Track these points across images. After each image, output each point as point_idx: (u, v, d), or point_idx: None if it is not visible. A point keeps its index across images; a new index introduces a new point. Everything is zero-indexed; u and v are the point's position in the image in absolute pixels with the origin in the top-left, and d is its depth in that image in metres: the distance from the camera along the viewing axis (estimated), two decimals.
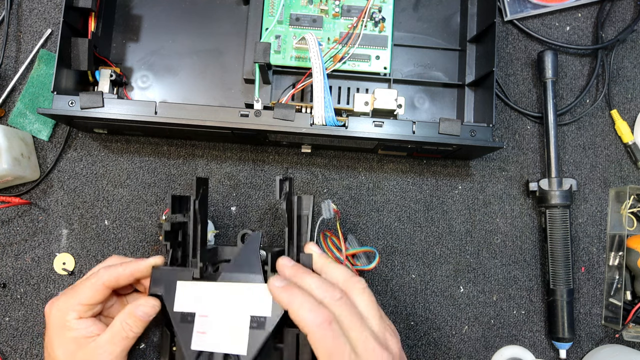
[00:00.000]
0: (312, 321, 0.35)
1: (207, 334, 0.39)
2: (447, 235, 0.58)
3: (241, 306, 0.39)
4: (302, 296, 0.37)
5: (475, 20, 0.58)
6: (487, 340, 0.57)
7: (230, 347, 0.37)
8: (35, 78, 0.58)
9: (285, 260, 0.41)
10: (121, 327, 0.40)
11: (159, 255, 0.44)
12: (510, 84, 0.61)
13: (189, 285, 0.41)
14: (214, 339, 0.38)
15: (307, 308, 0.36)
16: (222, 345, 0.38)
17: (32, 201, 0.57)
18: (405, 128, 0.50)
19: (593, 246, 0.59)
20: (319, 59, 0.49)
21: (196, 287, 0.41)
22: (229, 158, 0.58)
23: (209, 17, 0.57)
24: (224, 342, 0.38)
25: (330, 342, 0.34)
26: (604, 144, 0.61)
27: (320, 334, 0.34)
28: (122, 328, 0.40)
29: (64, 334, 0.40)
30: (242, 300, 0.39)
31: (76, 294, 0.40)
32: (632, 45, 0.62)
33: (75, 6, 0.51)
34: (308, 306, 0.36)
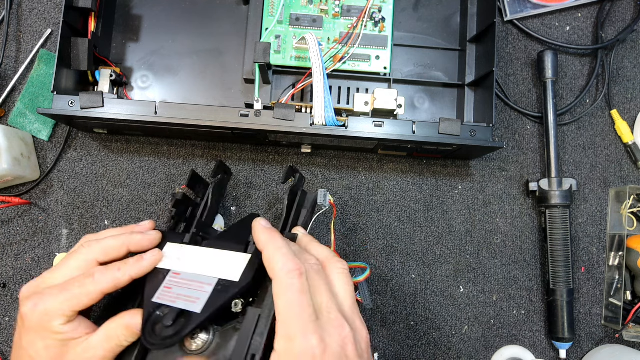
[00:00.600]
0: (283, 267, 0.34)
1: (172, 289, 0.38)
2: (447, 235, 0.58)
3: (212, 269, 0.39)
4: (281, 241, 0.36)
5: (475, 20, 0.58)
6: (487, 340, 0.57)
7: (187, 304, 0.36)
8: (35, 78, 0.58)
9: None
10: (115, 334, 0.36)
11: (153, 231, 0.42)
12: (510, 84, 0.61)
13: (176, 247, 0.42)
14: (175, 295, 0.37)
15: (282, 253, 0.35)
16: (180, 301, 0.36)
17: (32, 201, 0.57)
18: (405, 128, 0.50)
19: (593, 246, 0.59)
20: (319, 59, 0.49)
21: (181, 249, 0.42)
22: (229, 158, 0.58)
23: (209, 17, 0.57)
24: (183, 299, 0.37)
25: (295, 295, 0.32)
26: (604, 144, 0.61)
27: (288, 282, 0.33)
28: (117, 336, 0.36)
29: (48, 336, 0.35)
30: (215, 264, 0.39)
31: (68, 300, 0.36)
32: (632, 45, 0.62)
33: (75, 6, 0.51)
34: (284, 251, 0.35)
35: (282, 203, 0.46)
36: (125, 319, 0.37)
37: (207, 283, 0.38)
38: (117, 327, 0.36)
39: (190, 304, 0.36)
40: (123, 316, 0.37)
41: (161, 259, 0.40)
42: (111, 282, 0.37)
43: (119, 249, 0.39)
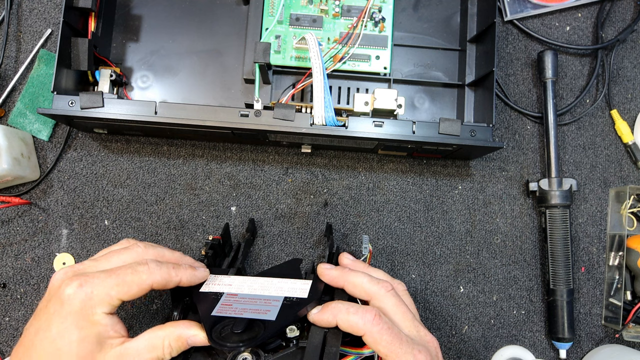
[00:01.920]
0: (380, 288, 0.38)
1: (233, 305, 0.37)
2: (447, 235, 0.58)
3: (274, 290, 0.39)
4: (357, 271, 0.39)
5: (475, 20, 0.58)
6: (487, 340, 0.57)
7: (257, 315, 0.35)
8: (35, 78, 0.58)
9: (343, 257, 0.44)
10: (162, 344, 0.33)
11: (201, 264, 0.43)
12: (510, 84, 0.61)
13: (223, 277, 0.41)
14: (240, 309, 0.36)
15: (369, 279, 0.38)
16: (247, 313, 0.35)
17: (32, 201, 0.57)
18: (405, 128, 0.50)
19: (593, 246, 0.59)
20: (319, 59, 0.49)
21: (229, 278, 0.41)
22: (229, 158, 0.58)
23: (209, 17, 0.57)
24: (251, 311, 0.35)
25: (387, 335, 0.35)
26: (604, 144, 0.61)
27: (377, 329, 0.35)
28: (163, 346, 0.33)
29: (86, 326, 0.32)
30: (275, 287, 0.39)
31: (118, 285, 0.33)
32: (632, 45, 0.62)
33: (75, 6, 0.51)
34: (368, 278, 0.38)
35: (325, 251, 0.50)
36: (179, 328, 0.34)
37: (274, 299, 0.38)
38: (167, 336, 0.34)
39: (261, 315, 0.35)
40: (177, 325, 0.34)
41: (208, 276, 0.41)
42: (164, 276, 0.35)
43: (173, 259, 0.40)
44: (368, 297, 0.38)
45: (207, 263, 0.47)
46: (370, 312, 0.35)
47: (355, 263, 0.44)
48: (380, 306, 0.38)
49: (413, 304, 0.41)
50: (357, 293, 0.39)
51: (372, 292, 0.38)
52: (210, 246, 0.48)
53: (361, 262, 0.44)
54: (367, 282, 0.39)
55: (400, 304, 0.38)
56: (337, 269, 0.40)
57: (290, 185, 0.58)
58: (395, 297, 0.38)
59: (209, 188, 0.58)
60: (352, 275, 0.39)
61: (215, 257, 0.50)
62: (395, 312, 0.38)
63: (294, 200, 0.58)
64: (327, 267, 0.41)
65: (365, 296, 0.39)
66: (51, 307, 0.33)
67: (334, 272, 0.40)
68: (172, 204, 0.57)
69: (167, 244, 0.57)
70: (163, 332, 0.34)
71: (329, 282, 0.40)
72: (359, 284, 0.39)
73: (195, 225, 0.57)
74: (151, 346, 0.33)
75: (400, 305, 0.38)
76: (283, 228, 0.58)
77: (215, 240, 0.49)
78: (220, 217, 0.57)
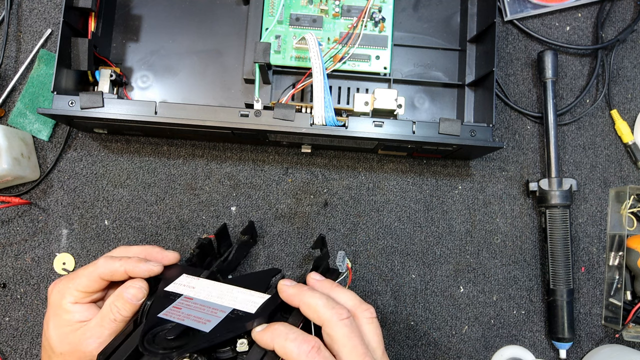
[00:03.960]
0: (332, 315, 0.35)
1: (182, 310, 0.37)
2: (447, 235, 0.58)
3: (228, 300, 0.39)
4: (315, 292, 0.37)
5: (475, 20, 0.58)
6: (487, 340, 0.57)
7: (195, 324, 0.35)
8: (35, 78, 0.58)
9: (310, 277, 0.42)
10: (109, 309, 0.40)
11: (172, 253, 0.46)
12: (510, 84, 0.61)
13: (191, 278, 0.42)
14: (184, 314, 0.36)
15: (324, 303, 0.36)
16: (188, 320, 0.36)
17: (32, 201, 0.57)
18: (405, 128, 0.50)
19: (593, 246, 0.59)
20: (319, 59, 0.49)
21: (196, 280, 0.42)
22: (229, 158, 0.58)
23: (209, 17, 0.57)
24: (192, 318, 0.36)
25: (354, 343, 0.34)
26: (604, 144, 0.61)
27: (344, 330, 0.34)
28: (110, 310, 0.39)
29: (59, 315, 0.41)
30: (231, 297, 0.39)
31: (74, 280, 0.41)
32: (632, 45, 0.62)
33: (75, 6, 0.51)
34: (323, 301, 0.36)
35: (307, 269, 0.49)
36: (118, 290, 0.40)
37: (221, 310, 0.37)
38: (112, 301, 0.40)
39: (199, 324, 0.35)
40: (117, 289, 0.41)
41: (159, 271, 0.43)
42: (109, 268, 0.41)
43: (137, 254, 0.44)
44: (320, 322, 0.35)
45: (193, 262, 0.48)
46: (308, 343, 0.33)
47: (322, 283, 0.40)
48: (330, 334, 0.35)
49: (378, 333, 0.37)
50: (310, 316, 0.36)
51: (325, 318, 0.35)
52: (199, 245, 0.48)
53: (329, 281, 0.40)
54: (321, 305, 0.35)
55: (352, 337, 0.34)
56: (297, 286, 0.38)
57: (290, 185, 0.58)
58: (348, 327, 0.35)
59: (209, 188, 0.58)
60: (308, 296, 0.36)
61: (204, 256, 0.49)
62: (344, 344, 0.34)
63: (294, 200, 0.58)
64: (287, 283, 0.38)
65: (318, 321, 0.36)
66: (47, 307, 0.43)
67: (291, 289, 0.37)
68: (172, 204, 0.57)
69: (167, 244, 0.57)
70: (110, 298, 0.40)
71: (286, 299, 0.38)
72: (313, 306, 0.36)
73: (195, 225, 0.57)
74: (102, 315, 0.40)
75: (352, 338, 0.34)
76: (283, 228, 0.58)
77: (206, 240, 0.49)
78: (220, 217, 0.57)
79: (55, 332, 0.40)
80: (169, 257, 0.45)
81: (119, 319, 0.39)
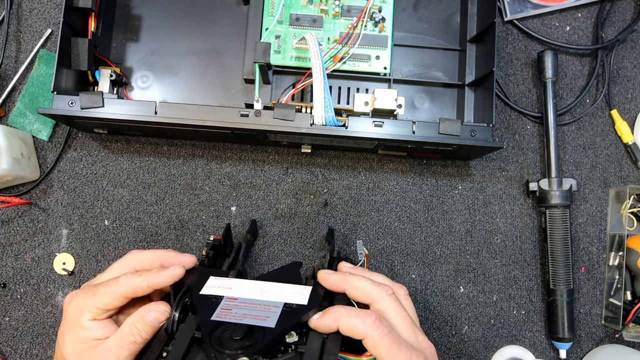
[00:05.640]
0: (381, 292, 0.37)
1: (232, 310, 0.37)
2: (447, 235, 0.58)
3: (274, 295, 0.38)
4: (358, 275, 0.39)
5: (475, 20, 0.58)
6: (487, 340, 0.57)
7: (257, 321, 0.35)
8: (35, 78, 0.58)
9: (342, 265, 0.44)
10: (129, 330, 0.38)
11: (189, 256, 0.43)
12: (510, 84, 0.61)
13: (223, 280, 0.41)
14: (239, 314, 0.36)
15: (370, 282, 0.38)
16: (247, 319, 0.35)
17: (32, 201, 0.57)
18: (405, 128, 0.50)
19: (593, 246, 0.59)
20: (319, 59, 0.49)
21: (230, 281, 0.41)
22: (229, 158, 0.58)
23: (209, 17, 0.57)
24: (250, 317, 0.36)
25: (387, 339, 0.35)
26: (604, 144, 0.61)
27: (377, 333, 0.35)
28: (131, 332, 0.38)
29: (76, 331, 0.39)
30: (275, 292, 0.39)
31: (94, 296, 0.39)
32: (632, 45, 0.62)
33: (75, 6, 0.51)
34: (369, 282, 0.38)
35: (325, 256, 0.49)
36: (140, 311, 0.39)
37: (274, 305, 0.37)
38: (133, 322, 0.38)
39: (260, 321, 0.35)
40: (142, 308, 0.39)
41: (182, 274, 0.41)
42: (131, 286, 0.39)
43: (152, 261, 0.42)
44: (369, 301, 0.38)
45: (207, 264, 0.46)
46: (370, 316, 0.35)
47: (355, 269, 0.44)
48: (380, 309, 0.38)
49: (413, 308, 0.41)
50: (358, 297, 0.39)
51: (373, 296, 0.38)
52: (211, 247, 0.48)
53: (360, 267, 0.45)
54: (368, 285, 0.39)
55: (400, 309, 0.38)
56: (338, 273, 0.41)
57: (290, 185, 0.58)
58: (396, 302, 0.38)
59: (209, 188, 0.58)
60: (353, 279, 0.39)
61: (216, 257, 0.49)
62: (395, 316, 0.37)
63: (294, 200, 0.58)
64: (328, 272, 0.41)
65: (367, 299, 0.38)
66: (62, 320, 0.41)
67: (335, 276, 0.40)
68: (172, 204, 0.57)
69: (167, 244, 0.57)
70: (127, 321, 0.39)
71: (330, 286, 0.40)
72: (360, 287, 0.39)
73: (195, 225, 0.57)
74: (121, 335, 0.38)
75: (400, 310, 0.38)
76: (283, 228, 0.58)
77: (217, 241, 0.49)
78: (220, 217, 0.57)
79: (70, 348, 0.39)
80: (186, 260, 0.43)
81: (138, 341, 0.38)
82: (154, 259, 0.42)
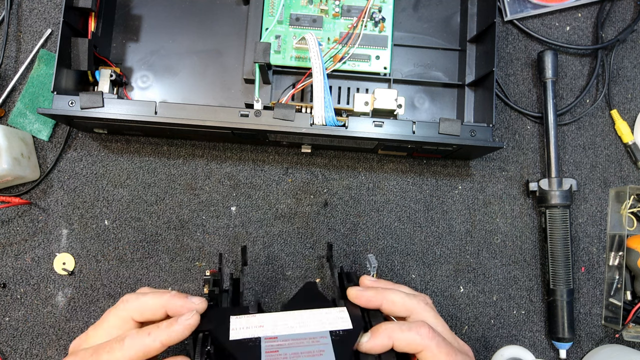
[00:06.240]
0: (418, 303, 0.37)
1: (279, 352, 0.33)
2: (447, 235, 0.58)
3: (312, 325, 0.35)
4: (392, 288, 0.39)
5: (475, 20, 0.58)
6: (487, 340, 0.57)
7: (314, 357, 0.32)
8: (35, 78, 0.58)
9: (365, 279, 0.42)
10: None
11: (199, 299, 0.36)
12: (510, 84, 0.61)
13: (247, 317, 0.36)
14: (290, 355, 0.33)
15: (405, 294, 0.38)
16: (302, 357, 0.32)
17: (32, 201, 0.57)
18: (405, 128, 0.50)
19: (593, 246, 0.59)
20: (319, 59, 0.49)
21: (255, 317, 0.36)
22: (229, 158, 0.58)
23: (209, 17, 0.57)
24: (304, 356, 0.33)
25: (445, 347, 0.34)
26: (604, 144, 0.61)
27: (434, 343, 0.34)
28: None
29: None
30: (311, 321, 0.36)
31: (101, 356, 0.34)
32: (632, 45, 0.62)
33: (75, 6, 0.51)
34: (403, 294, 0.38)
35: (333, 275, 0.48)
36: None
37: (320, 336, 0.34)
38: None
39: (318, 357, 0.32)
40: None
41: (197, 323, 0.35)
42: (140, 349, 0.33)
43: (155, 310, 0.36)
44: (407, 313, 0.37)
45: (212, 303, 0.40)
46: (423, 327, 0.34)
47: (379, 282, 0.42)
48: (420, 319, 0.37)
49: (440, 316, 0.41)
50: (395, 310, 0.37)
51: (412, 307, 0.37)
52: (213, 282, 0.43)
53: (383, 280, 0.43)
54: (404, 297, 0.38)
55: (438, 316, 0.38)
56: (371, 289, 0.39)
57: (290, 185, 0.58)
58: (433, 310, 0.38)
59: (209, 188, 0.58)
60: (388, 293, 0.38)
61: (220, 293, 0.44)
62: (436, 324, 0.37)
63: (294, 200, 0.58)
64: (359, 289, 0.38)
65: (405, 312, 0.37)
66: None
67: (368, 292, 0.38)
68: (172, 204, 0.57)
69: (167, 244, 0.57)
70: None
71: (365, 303, 0.38)
72: (398, 301, 0.37)
73: (195, 225, 0.57)
74: None
75: (439, 317, 0.38)
76: (283, 228, 0.58)
77: (215, 275, 0.44)
78: (220, 217, 0.57)
79: None
80: (197, 305, 0.36)
81: None
82: (157, 307, 0.36)
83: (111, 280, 0.56)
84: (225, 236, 0.57)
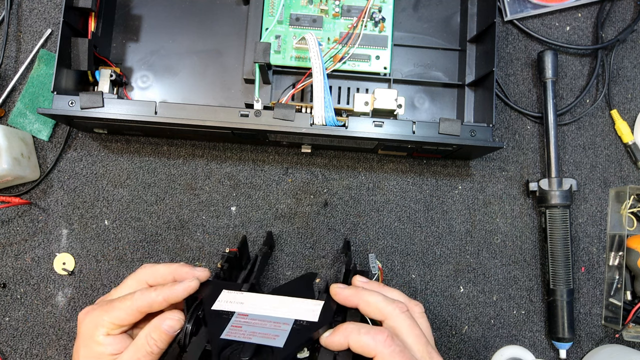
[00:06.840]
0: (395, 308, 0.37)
1: (242, 327, 0.36)
2: (447, 235, 0.58)
3: (284, 311, 0.38)
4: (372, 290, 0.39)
5: (475, 20, 0.58)
6: (487, 340, 0.57)
7: (266, 340, 0.35)
8: (35, 78, 0.58)
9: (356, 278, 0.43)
10: (145, 341, 0.38)
11: (202, 269, 0.42)
12: (510, 84, 0.61)
13: (235, 293, 0.40)
14: (249, 332, 0.36)
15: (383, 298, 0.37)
16: (256, 337, 0.35)
17: (32, 201, 0.57)
18: (405, 128, 0.50)
19: (593, 246, 0.59)
20: (319, 59, 0.49)
21: (242, 295, 0.40)
22: (229, 158, 0.58)
23: (209, 17, 0.57)
24: (259, 335, 0.35)
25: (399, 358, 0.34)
26: (604, 144, 0.61)
27: (388, 351, 0.34)
28: (147, 342, 0.38)
29: (91, 346, 0.39)
30: (287, 307, 0.38)
31: (109, 312, 0.39)
32: (632, 45, 0.62)
33: (75, 6, 0.51)
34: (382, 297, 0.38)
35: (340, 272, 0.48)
36: (155, 320, 0.38)
37: (283, 322, 0.37)
38: (148, 333, 0.38)
39: (269, 340, 0.35)
40: (153, 321, 0.38)
41: (196, 286, 0.40)
42: (147, 300, 0.39)
43: (165, 276, 0.42)
44: (382, 317, 0.37)
45: (222, 277, 0.46)
46: (382, 333, 0.34)
47: (370, 283, 0.43)
48: (393, 327, 0.37)
49: (429, 327, 0.40)
50: (371, 312, 0.38)
51: (387, 312, 0.37)
52: (226, 259, 0.47)
53: (375, 282, 0.43)
54: (381, 300, 0.38)
55: (414, 327, 0.37)
56: (351, 288, 0.40)
57: (290, 185, 0.58)
58: (410, 319, 0.37)
59: (209, 188, 0.58)
60: (366, 294, 0.38)
61: (232, 270, 0.48)
62: (408, 334, 0.36)
63: (294, 200, 0.58)
64: (340, 286, 0.40)
65: (380, 316, 0.38)
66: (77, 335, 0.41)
67: (347, 291, 0.39)
68: (172, 204, 0.57)
69: (167, 244, 0.57)
70: (142, 332, 0.38)
71: (342, 301, 0.39)
72: (374, 303, 0.38)
73: (195, 225, 0.57)
74: (137, 347, 0.38)
75: (415, 328, 0.37)
76: (283, 228, 0.58)
77: (232, 253, 0.48)
78: (220, 217, 0.57)
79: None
80: (200, 274, 0.42)
81: (155, 351, 0.38)
82: (167, 274, 0.42)
83: (111, 280, 0.56)
84: (225, 236, 0.57)
